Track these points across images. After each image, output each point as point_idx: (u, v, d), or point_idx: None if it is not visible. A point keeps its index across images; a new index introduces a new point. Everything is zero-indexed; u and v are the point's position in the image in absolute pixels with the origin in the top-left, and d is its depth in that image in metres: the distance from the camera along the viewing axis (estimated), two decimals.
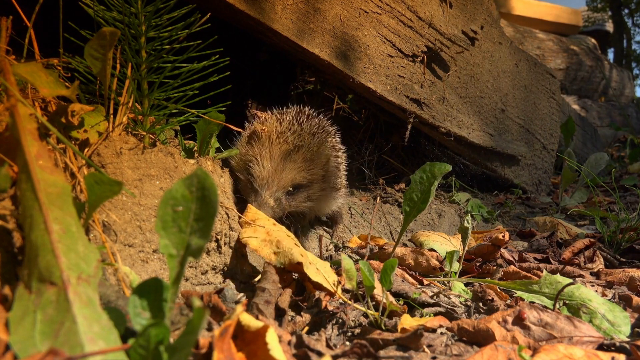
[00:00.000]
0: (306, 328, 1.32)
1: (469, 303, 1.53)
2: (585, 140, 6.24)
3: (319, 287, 1.41)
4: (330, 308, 1.38)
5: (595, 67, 8.79)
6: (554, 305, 1.39)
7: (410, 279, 1.67)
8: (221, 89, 1.70)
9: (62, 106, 1.34)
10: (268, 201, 1.84)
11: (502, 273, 1.80)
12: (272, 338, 0.97)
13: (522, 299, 1.48)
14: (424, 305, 1.48)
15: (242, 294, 1.51)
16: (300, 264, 1.38)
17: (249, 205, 1.75)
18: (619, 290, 1.71)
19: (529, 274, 1.71)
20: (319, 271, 1.41)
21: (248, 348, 1.00)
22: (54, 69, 1.49)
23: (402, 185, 3.30)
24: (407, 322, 1.28)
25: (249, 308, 1.30)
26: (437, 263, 1.82)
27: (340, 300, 1.45)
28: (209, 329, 1.16)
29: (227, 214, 1.66)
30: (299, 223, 2.14)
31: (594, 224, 3.02)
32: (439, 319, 1.35)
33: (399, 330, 1.26)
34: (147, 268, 1.42)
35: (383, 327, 1.30)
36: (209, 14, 1.57)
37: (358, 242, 2.27)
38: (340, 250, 2.17)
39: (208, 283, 1.57)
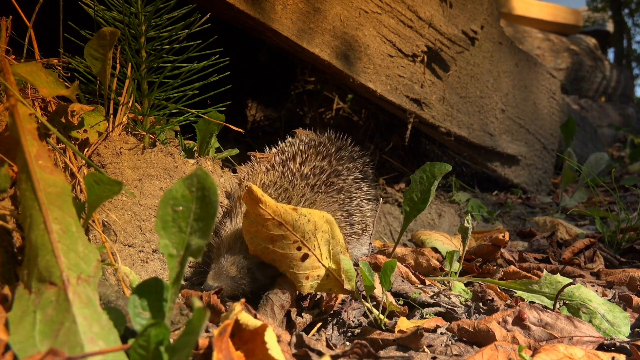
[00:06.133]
0: (314, 330, 1.32)
1: (469, 303, 1.53)
2: (585, 140, 6.24)
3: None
4: (331, 309, 1.38)
5: (595, 67, 8.79)
6: (554, 305, 1.39)
7: (413, 278, 1.67)
8: (221, 89, 1.70)
9: (62, 106, 1.34)
10: (228, 270, 1.39)
11: (502, 273, 1.80)
12: (270, 337, 0.97)
13: (522, 299, 1.48)
14: (424, 305, 1.48)
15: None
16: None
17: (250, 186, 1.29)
18: (619, 290, 1.71)
19: (529, 274, 1.71)
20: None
21: (246, 347, 1.00)
22: (54, 69, 1.49)
23: (402, 185, 3.30)
24: (405, 324, 1.28)
25: (262, 302, 1.31)
26: (438, 263, 1.82)
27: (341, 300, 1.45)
28: (206, 329, 1.16)
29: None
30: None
31: (594, 224, 3.02)
32: (437, 320, 1.35)
33: (398, 330, 1.26)
34: (147, 268, 1.42)
35: (383, 327, 1.30)
36: (209, 14, 1.57)
37: None
38: None
39: None
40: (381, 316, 1.31)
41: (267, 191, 1.50)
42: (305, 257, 1.31)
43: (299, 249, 1.31)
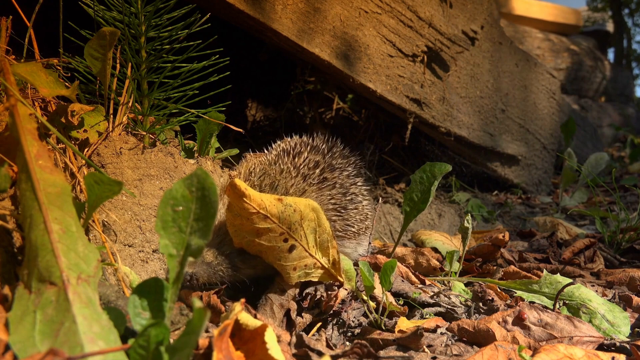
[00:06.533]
0: (314, 330, 1.32)
1: (469, 303, 1.53)
2: (585, 140, 6.24)
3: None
4: (331, 309, 1.38)
5: (595, 67, 8.79)
6: (554, 305, 1.39)
7: (413, 278, 1.67)
8: (221, 89, 1.70)
9: (62, 106, 1.34)
10: (203, 255, 1.34)
11: (502, 273, 1.80)
12: (270, 337, 0.97)
13: (522, 299, 1.48)
14: (424, 305, 1.48)
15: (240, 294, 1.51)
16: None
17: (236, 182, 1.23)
18: (619, 290, 1.71)
19: (529, 274, 1.71)
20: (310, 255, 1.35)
21: (246, 347, 1.00)
22: (54, 69, 1.49)
23: (402, 185, 3.30)
24: (405, 324, 1.28)
25: (262, 301, 1.31)
26: (438, 263, 1.82)
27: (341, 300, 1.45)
28: (206, 329, 1.16)
29: None
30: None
31: (594, 224, 3.02)
32: (437, 320, 1.35)
33: (398, 330, 1.26)
34: (147, 268, 1.42)
35: (383, 327, 1.30)
36: (209, 14, 1.57)
37: None
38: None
39: None
40: (381, 316, 1.31)
41: (251, 178, 1.47)
42: (292, 248, 1.30)
43: (285, 240, 1.29)
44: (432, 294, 1.56)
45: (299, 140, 1.75)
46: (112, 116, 1.49)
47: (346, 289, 1.39)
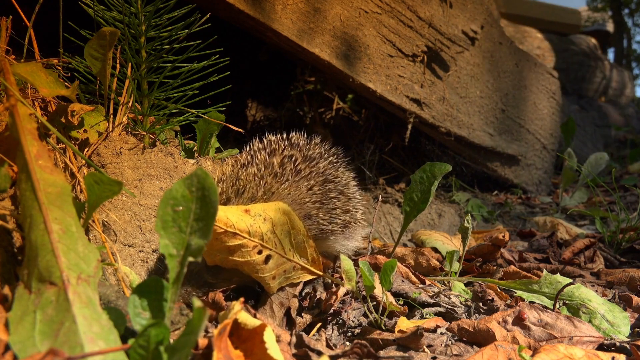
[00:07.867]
0: (314, 330, 1.32)
1: (469, 303, 1.53)
2: (585, 140, 6.24)
3: None
4: (331, 309, 1.38)
5: (595, 67, 8.78)
6: (554, 305, 1.39)
7: (413, 278, 1.67)
8: (221, 89, 1.70)
9: (62, 106, 1.34)
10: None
11: (502, 273, 1.80)
12: (269, 337, 0.97)
13: (522, 299, 1.48)
14: (424, 305, 1.48)
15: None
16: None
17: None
18: (619, 290, 1.71)
19: (529, 274, 1.71)
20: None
21: (244, 345, 0.99)
22: (54, 69, 1.49)
23: (402, 185, 3.30)
24: (405, 324, 1.28)
25: (261, 301, 1.31)
26: (438, 263, 1.82)
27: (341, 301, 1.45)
28: (206, 329, 1.16)
29: None
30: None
31: (594, 224, 3.02)
32: (437, 320, 1.35)
33: (398, 330, 1.26)
34: (147, 268, 1.42)
35: (383, 327, 1.30)
36: (209, 14, 1.57)
37: None
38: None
39: None
40: (381, 316, 1.31)
41: (220, 185, 1.43)
42: (268, 258, 1.27)
43: (260, 252, 1.25)
44: (432, 294, 1.56)
45: (275, 138, 1.71)
46: (112, 116, 1.49)
47: (346, 289, 1.39)
